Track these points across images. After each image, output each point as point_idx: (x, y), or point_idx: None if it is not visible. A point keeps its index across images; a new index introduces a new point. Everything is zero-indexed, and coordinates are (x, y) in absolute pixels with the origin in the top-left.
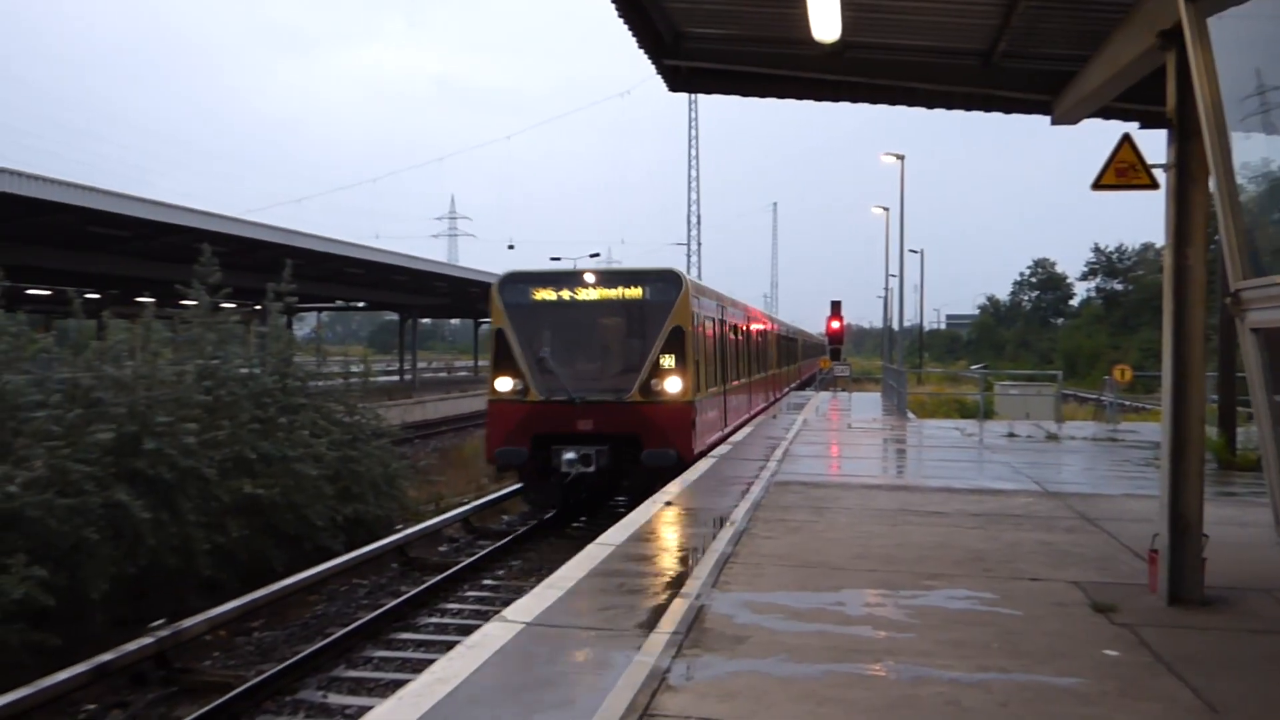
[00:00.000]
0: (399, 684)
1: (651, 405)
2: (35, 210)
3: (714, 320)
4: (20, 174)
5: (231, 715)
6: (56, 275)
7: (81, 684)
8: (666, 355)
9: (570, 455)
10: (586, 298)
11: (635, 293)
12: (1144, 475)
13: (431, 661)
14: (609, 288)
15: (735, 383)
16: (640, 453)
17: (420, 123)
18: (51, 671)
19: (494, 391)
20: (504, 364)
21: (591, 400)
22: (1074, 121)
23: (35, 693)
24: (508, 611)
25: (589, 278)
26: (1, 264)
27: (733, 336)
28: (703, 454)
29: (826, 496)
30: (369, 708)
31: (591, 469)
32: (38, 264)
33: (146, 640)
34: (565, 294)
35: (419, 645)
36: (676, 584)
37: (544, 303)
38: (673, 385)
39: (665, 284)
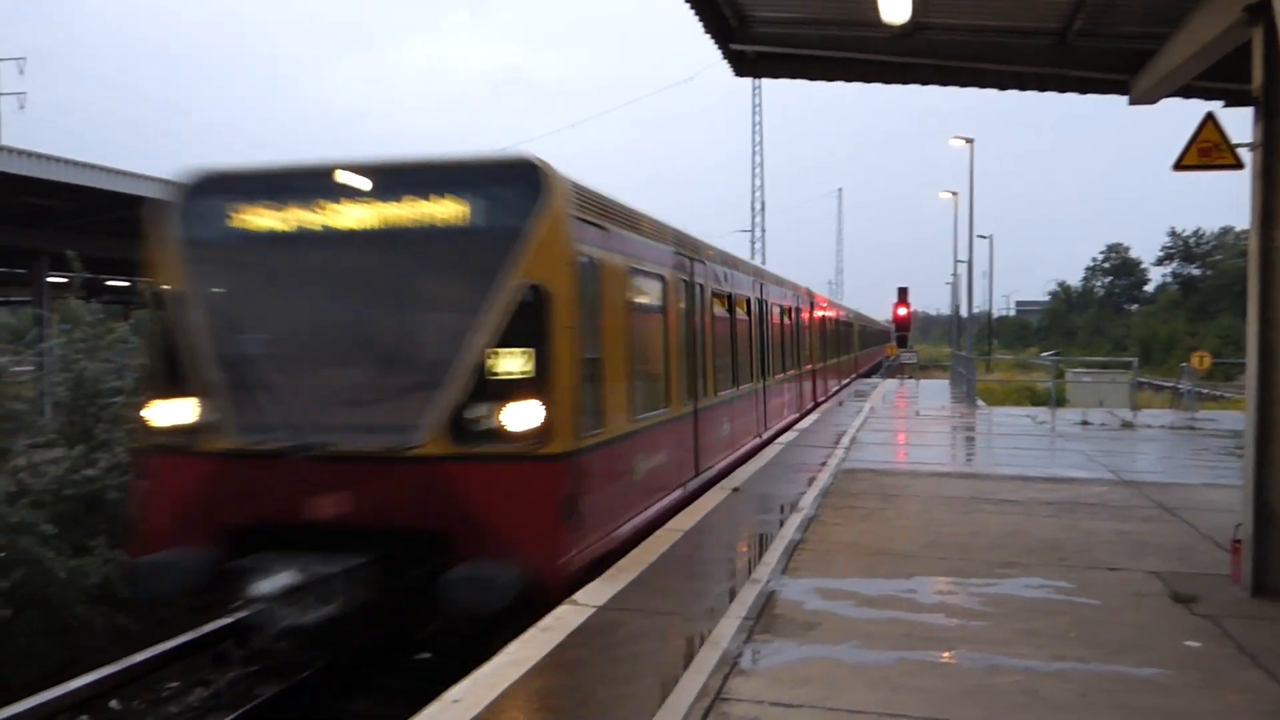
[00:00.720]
0: None
1: (471, 466)
2: None
3: (662, 279)
4: None
5: None
6: None
7: None
8: (514, 350)
9: (271, 583)
10: (344, 224)
11: (446, 211)
12: (1224, 464)
13: None
14: (392, 200)
15: (725, 394)
16: (444, 569)
17: (483, 114)
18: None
19: (143, 430)
20: (164, 370)
21: (338, 454)
22: (1153, 101)
23: None
24: (579, 595)
25: (351, 181)
26: None
27: (721, 317)
28: (601, 563)
29: (896, 484)
30: None
31: (321, 615)
32: None
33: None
34: (302, 219)
35: None
36: (746, 570)
37: (257, 237)
38: (521, 417)
39: (507, 190)
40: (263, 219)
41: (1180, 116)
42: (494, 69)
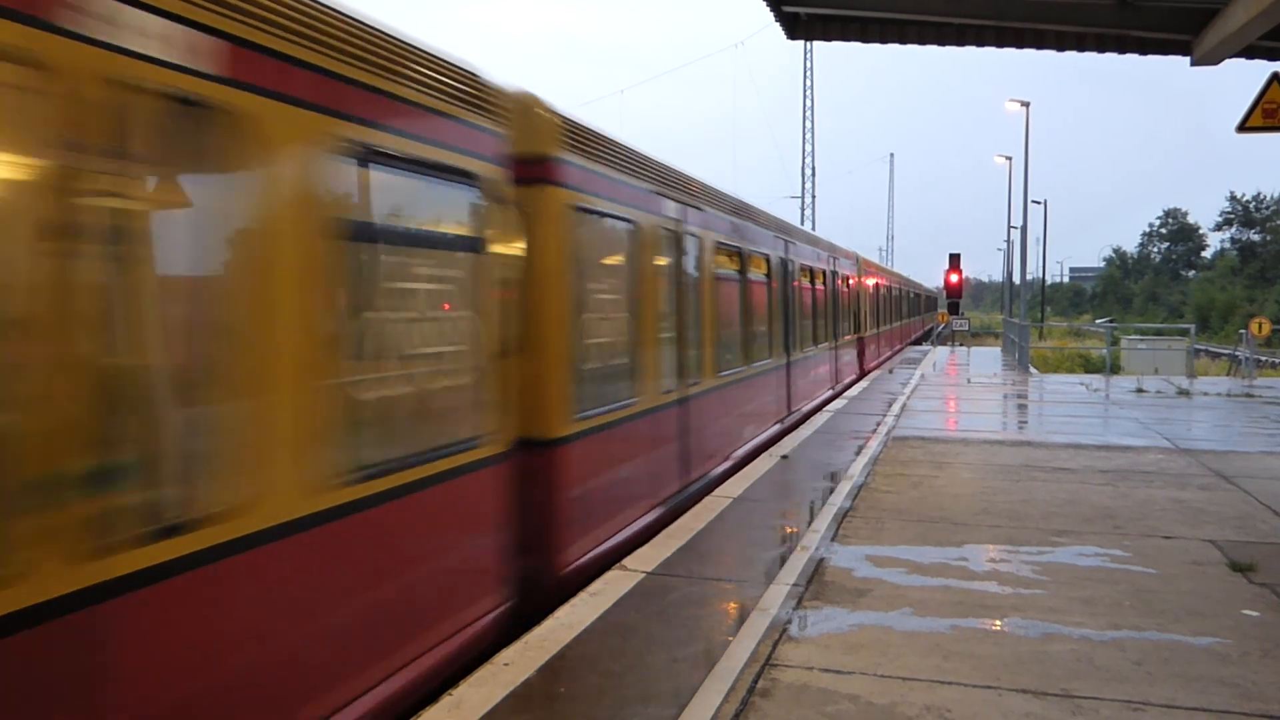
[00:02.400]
0: None
1: None
2: None
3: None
4: None
5: None
6: None
7: None
8: None
9: None
10: None
11: None
12: None
13: None
14: None
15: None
16: None
17: (534, 76)
18: None
19: None
20: None
21: None
22: (1216, 62)
23: None
24: (628, 561)
25: None
26: None
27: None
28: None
29: (947, 451)
30: None
31: None
32: None
33: None
34: None
35: None
36: (795, 537)
37: None
38: None
39: None
40: None
41: (1248, 78)
42: (547, 30)
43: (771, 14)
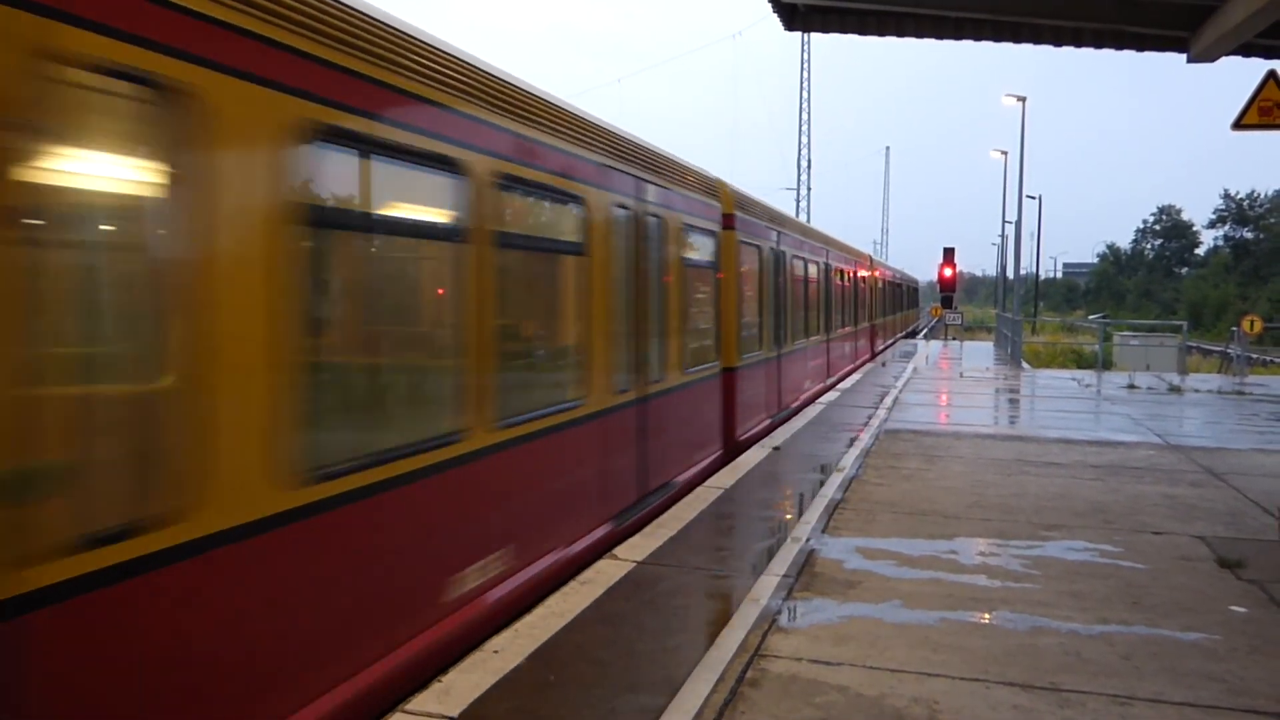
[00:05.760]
0: None
1: None
2: None
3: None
4: None
5: None
6: None
7: None
8: None
9: None
10: None
11: None
12: (1274, 430)
13: None
14: None
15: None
16: None
17: (531, 66)
18: None
19: None
20: None
21: None
22: (1212, 59)
23: None
24: (619, 550)
25: None
26: None
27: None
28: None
29: (938, 445)
30: None
31: None
32: None
33: None
34: None
35: None
36: (786, 528)
37: None
38: None
39: None
40: None
41: (1244, 75)
42: (544, 20)
43: (769, 5)
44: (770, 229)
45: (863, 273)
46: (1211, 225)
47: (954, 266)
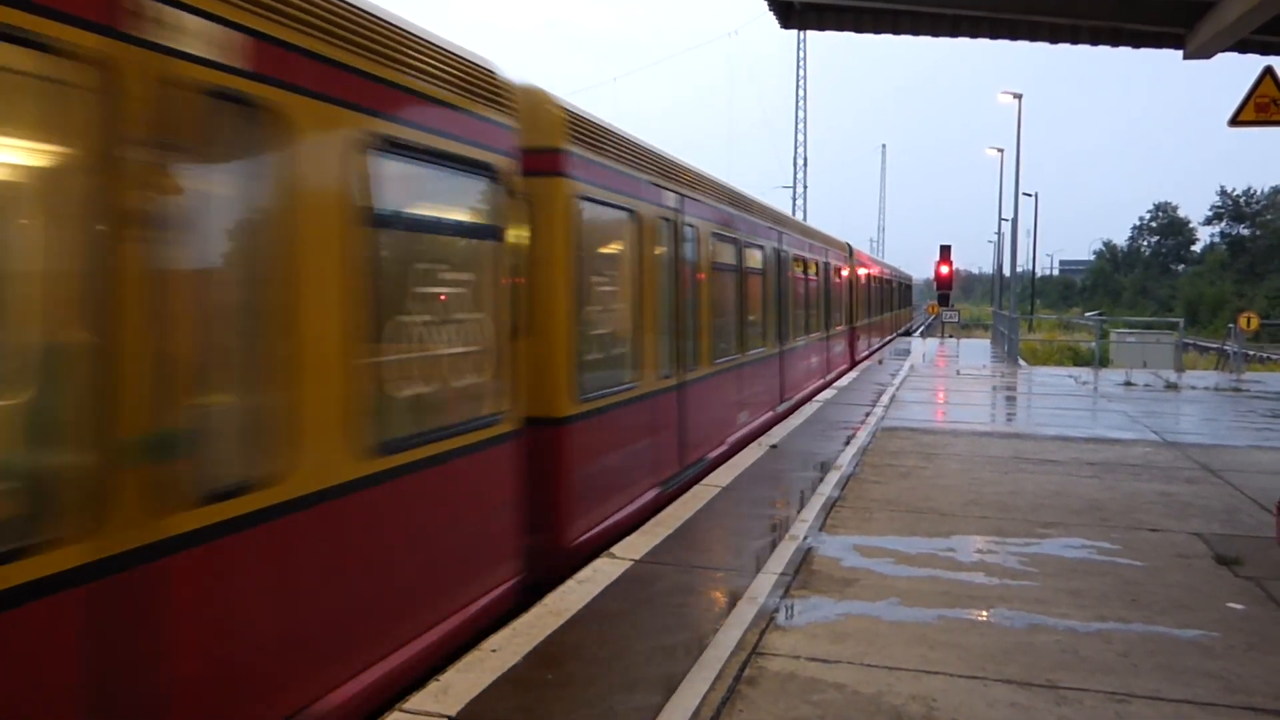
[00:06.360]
0: None
1: None
2: None
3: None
4: None
5: None
6: None
7: None
8: None
9: None
10: None
11: None
12: (1270, 427)
13: None
14: None
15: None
16: None
17: (528, 64)
18: None
19: None
20: None
21: None
22: (1209, 56)
23: None
24: (616, 549)
25: None
26: None
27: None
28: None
29: (935, 443)
30: None
31: None
32: None
33: None
34: None
35: None
36: (784, 526)
37: None
38: None
39: None
40: None
41: (1240, 72)
42: (541, 17)
43: (765, 2)
44: (658, 186)
45: (837, 265)
46: (1208, 222)
47: (950, 264)
